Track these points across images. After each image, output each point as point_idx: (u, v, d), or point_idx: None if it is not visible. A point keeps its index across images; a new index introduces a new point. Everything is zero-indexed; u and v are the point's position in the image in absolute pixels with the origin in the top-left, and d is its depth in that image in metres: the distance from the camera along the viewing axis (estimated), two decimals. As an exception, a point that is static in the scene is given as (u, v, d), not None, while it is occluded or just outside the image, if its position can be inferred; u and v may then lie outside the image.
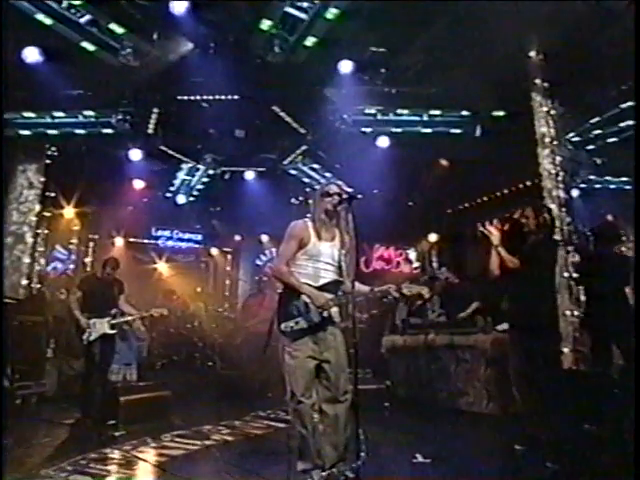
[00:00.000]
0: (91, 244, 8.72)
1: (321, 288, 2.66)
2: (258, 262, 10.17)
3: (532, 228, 3.37)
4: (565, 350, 4.31)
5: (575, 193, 6.11)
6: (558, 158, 5.02)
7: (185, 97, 6.35)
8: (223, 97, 6.31)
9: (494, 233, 3.35)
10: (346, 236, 2.76)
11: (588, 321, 3.57)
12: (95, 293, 4.77)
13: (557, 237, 4.10)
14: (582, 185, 6.64)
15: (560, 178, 4.95)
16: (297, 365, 2.57)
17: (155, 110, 6.59)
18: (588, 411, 3.16)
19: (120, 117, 6.50)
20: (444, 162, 7.60)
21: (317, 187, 3.08)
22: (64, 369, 6.10)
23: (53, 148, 7.13)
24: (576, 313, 4.34)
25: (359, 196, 2.64)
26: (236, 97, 6.31)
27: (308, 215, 2.80)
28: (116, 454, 3.48)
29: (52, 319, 6.51)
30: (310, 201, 2.88)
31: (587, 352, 4.07)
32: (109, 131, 6.65)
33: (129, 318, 4.97)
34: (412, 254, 9.92)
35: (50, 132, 6.61)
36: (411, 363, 5.57)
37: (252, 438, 4.03)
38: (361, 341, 2.46)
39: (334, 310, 2.69)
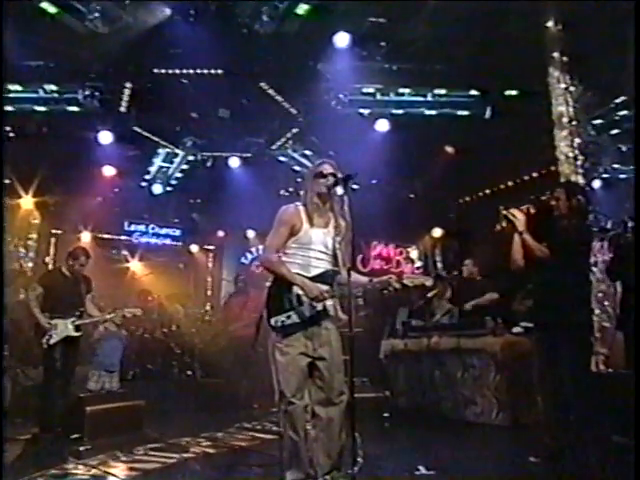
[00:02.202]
0: (53, 240, 8.60)
1: (314, 279, 2.63)
2: (243, 260, 10.14)
3: (564, 212, 3.16)
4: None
5: (597, 184, 6.12)
6: (577, 140, 5.01)
7: (162, 71, 6.29)
8: (205, 71, 6.28)
9: (519, 217, 3.17)
10: (341, 221, 2.74)
11: (624, 320, 3.43)
12: (59, 290, 4.65)
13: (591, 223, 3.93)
14: (604, 175, 6.64)
15: (579, 163, 4.95)
16: (288, 362, 2.53)
17: (128, 85, 6.51)
18: (619, 420, 3.12)
19: (87, 93, 6.42)
20: (450, 148, 7.61)
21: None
22: (19, 379, 5.97)
23: (8, 127, 6.93)
24: (597, 312, 4.36)
25: (356, 186, 2.61)
26: (219, 72, 6.27)
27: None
28: (80, 469, 3.41)
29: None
30: (301, 192, 2.85)
31: (609, 354, 4.08)
32: (75, 109, 6.55)
33: (96, 319, 4.90)
34: (414, 252, 9.94)
35: (5, 109, 6.45)
36: (413, 369, 5.57)
37: (236, 450, 4.00)
38: (357, 345, 2.43)
39: (329, 303, 2.66)
